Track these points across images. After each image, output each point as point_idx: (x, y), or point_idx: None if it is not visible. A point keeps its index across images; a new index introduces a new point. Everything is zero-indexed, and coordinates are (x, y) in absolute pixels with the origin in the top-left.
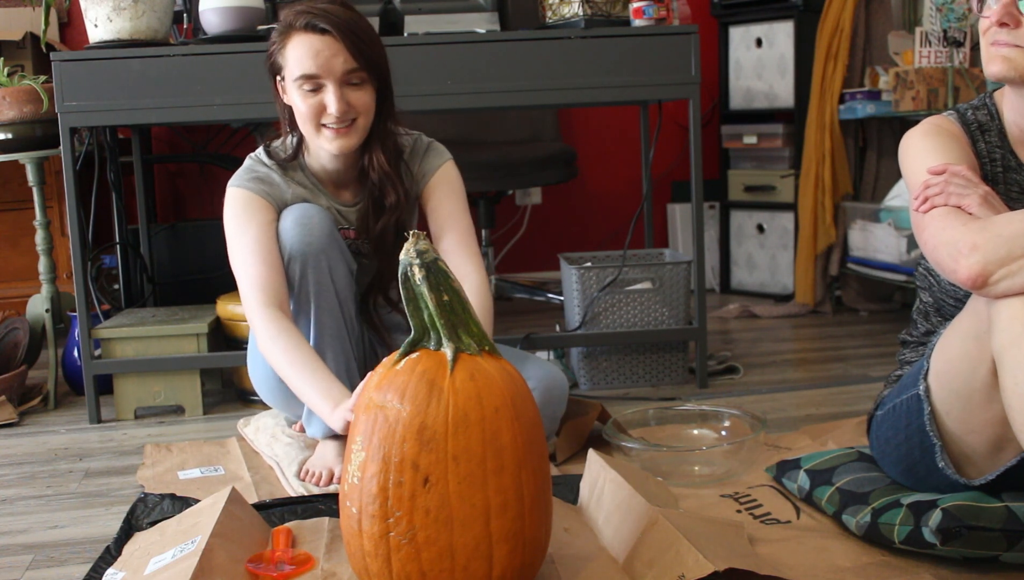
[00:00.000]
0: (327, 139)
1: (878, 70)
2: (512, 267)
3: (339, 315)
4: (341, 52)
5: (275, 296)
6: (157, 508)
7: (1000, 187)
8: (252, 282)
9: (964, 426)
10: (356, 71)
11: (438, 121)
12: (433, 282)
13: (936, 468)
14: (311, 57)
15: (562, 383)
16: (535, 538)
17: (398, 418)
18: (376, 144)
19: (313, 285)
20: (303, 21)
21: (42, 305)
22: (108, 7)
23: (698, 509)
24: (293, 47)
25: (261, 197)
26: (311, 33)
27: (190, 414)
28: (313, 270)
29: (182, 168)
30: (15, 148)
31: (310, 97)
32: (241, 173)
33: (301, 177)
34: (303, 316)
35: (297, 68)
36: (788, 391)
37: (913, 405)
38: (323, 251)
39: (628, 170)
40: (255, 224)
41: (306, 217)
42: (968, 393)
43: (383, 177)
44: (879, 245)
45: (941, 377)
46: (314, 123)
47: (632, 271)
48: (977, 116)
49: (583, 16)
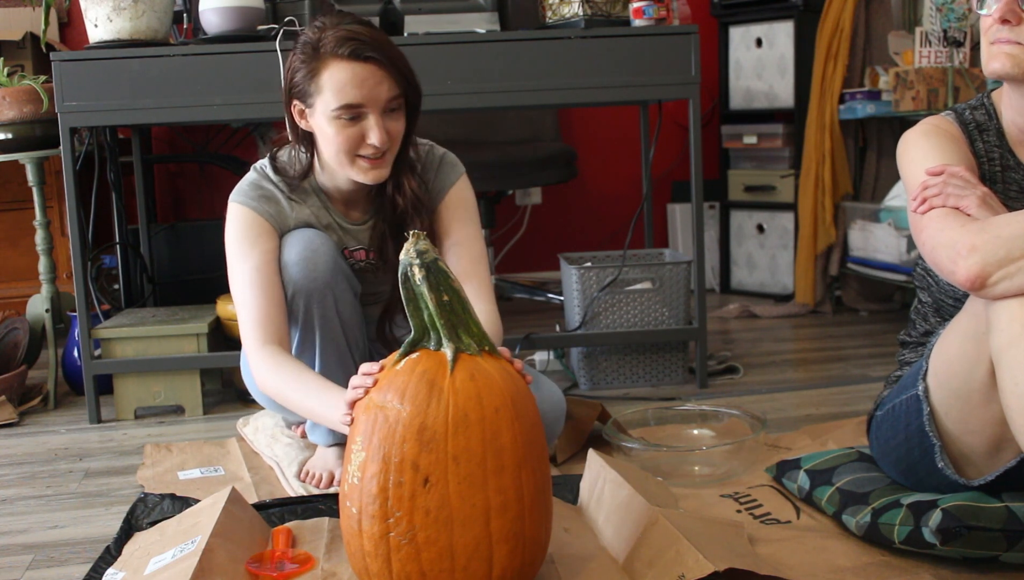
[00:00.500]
0: (361, 170)
1: (878, 70)
2: (512, 267)
3: (345, 348)
4: (385, 80)
5: (275, 333)
6: (157, 508)
7: (998, 186)
8: (251, 317)
9: (963, 426)
10: (397, 98)
11: (438, 121)
12: (433, 282)
13: (936, 469)
14: (355, 87)
15: (559, 404)
16: (535, 538)
17: (398, 418)
18: (405, 169)
19: (319, 320)
20: (346, 49)
21: (42, 305)
22: (108, 7)
23: (698, 509)
24: (332, 75)
25: (264, 219)
26: (354, 61)
27: (190, 414)
28: (319, 306)
29: (182, 168)
30: (15, 148)
31: (348, 127)
32: (246, 188)
33: (311, 197)
34: (308, 347)
35: (338, 98)
36: (788, 391)
37: (912, 405)
38: (328, 286)
39: (628, 170)
40: (257, 252)
41: (310, 250)
42: (967, 393)
43: (412, 204)
44: (879, 245)
45: (940, 377)
46: (350, 155)
47: (632, 271)
48: (975, 116)
49: (583, 16)
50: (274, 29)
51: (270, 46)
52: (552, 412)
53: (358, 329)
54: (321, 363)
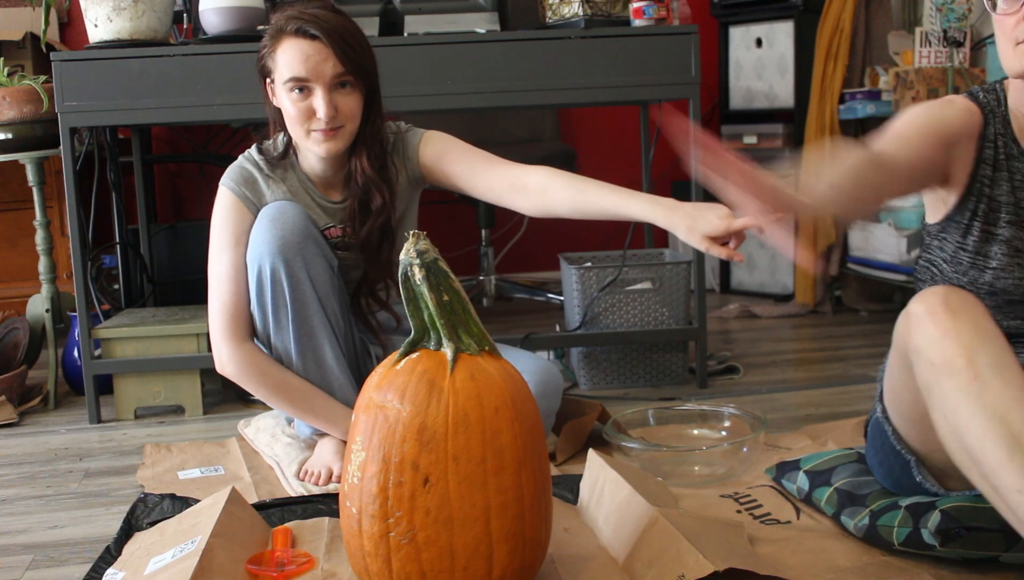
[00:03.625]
0: (315, 142)
1: (878, 70)
2: (512, 267)
3: (320, 309)
4: (330, 57)
5: (244, 328)
6: (157, 508)
7: (1003, 174)
8: (223, 309)
9: (926, 447)
10: (344, 75)
11: (438, 121)
12: (433, 282)
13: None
14: (300, 61)
15: (556, 377)
16: (535, 538)
17: (398, 418)
18: (362, 148)
19: (289, 283)
20: (293, 26)
21: (42, 305)
22: (108, 7)
23: (698, 509)
24: (283, 51)
25: (244, 205)
26: (301, 38)
27: (190, 414)
28: (287, 268)
29: (182, 168)
30: (15, 148)
31: (299, 101)
32: (232, 171)
33: (290, 175)
34: (282, 310)
35: (287, 71)
36: (788, 391)
37: (877, 425)
38: (298, 246)
39: (628, 170)
40: (237, 244)
41: (280, 214)
42: (917, 418)
43: (367, 181)
44: (879, 245)
45: (892, 401)
46: (303, 126)
47: (632, 271)
48: (987, 99)
49: (583, 16)
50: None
51: None
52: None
53: (334, 299)
54: (295, 324)
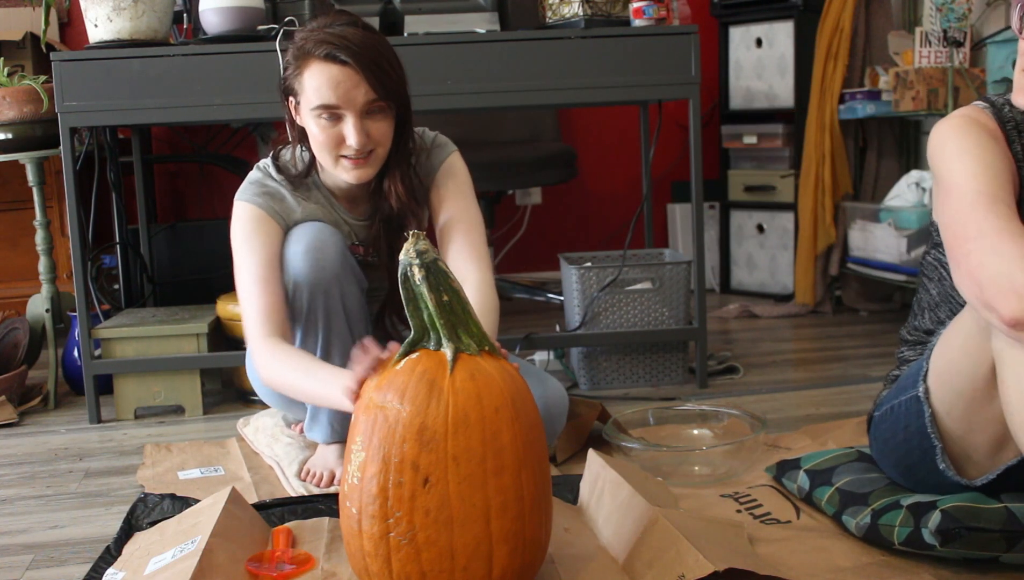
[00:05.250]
0: (344, 169)
1: (878, 70)
2: (512, 267)
3: (350, 343)
4: (362, 84)
5: (279, 326)
6: (157, 508)
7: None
8: (255, 311)
9: (965, 425)
10: (376, 101)
11: (438, 121)
12: (433, 282)
13: (936, 469)
14: (331, 89)
15: (562, 400)
16: (535, 538)
17: (398, 418)
18: (395, 170)
19: (323, 313)
20: (323, 51)
21: (42, 305)
22: (108, 7)
23: (698, 509)
24: (311, 76)
25: (270, 216)
26: (331, 63)
27: (190, 414)
28: (324, 298)
29: (182, 168)
30: (15, 148)
31: (328, 128)
32: (249, 187)
33: (315, 193)
34: (311, 342)
35: (315, 98)
36: (788, 391)
37: (912, 407)
38: (336, 278)
39: (628, 170)
40: (262, 247)
41: (318, 241)
42: (970, 390)
43: (402, 206)
44: (879, 245)
45: (942, 375)
46: (332, 153)
47: (632, 271)
48: (1014, 113)
49: (583, 16)
50: (274, 29)
51: (270, 46)
52: (556, 407)
53: (363, 325)
54: (323, 351)
